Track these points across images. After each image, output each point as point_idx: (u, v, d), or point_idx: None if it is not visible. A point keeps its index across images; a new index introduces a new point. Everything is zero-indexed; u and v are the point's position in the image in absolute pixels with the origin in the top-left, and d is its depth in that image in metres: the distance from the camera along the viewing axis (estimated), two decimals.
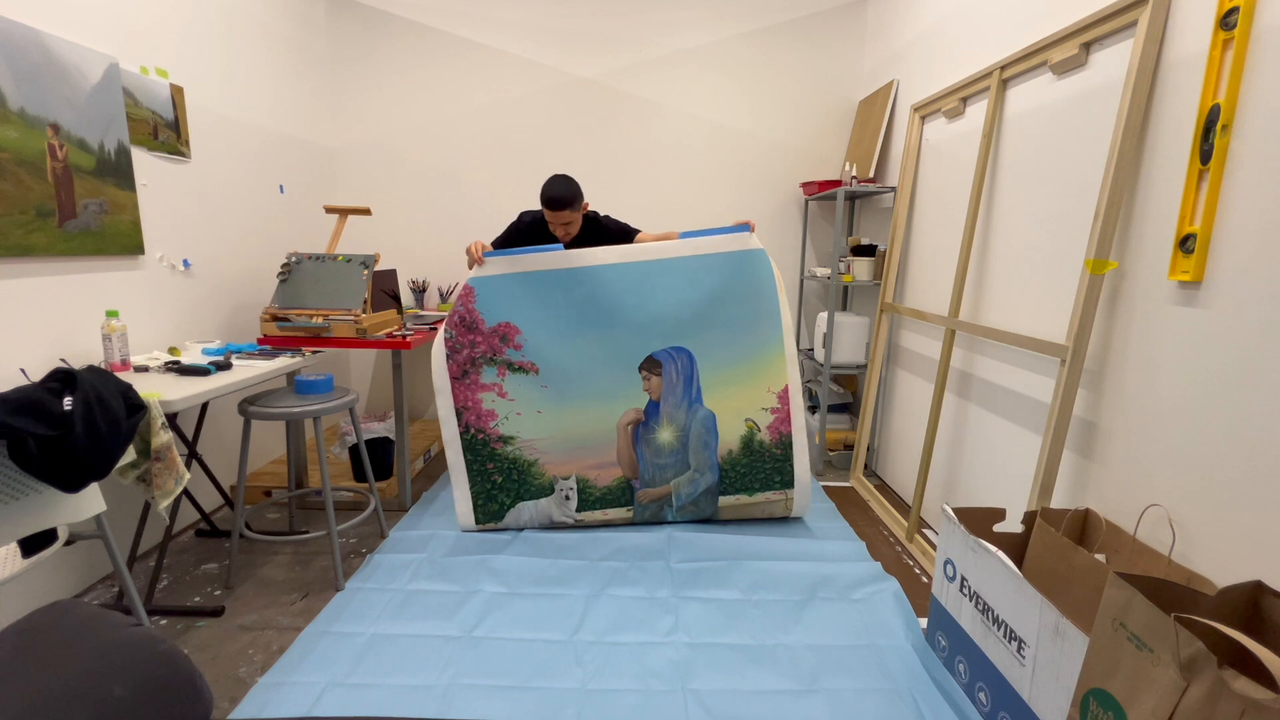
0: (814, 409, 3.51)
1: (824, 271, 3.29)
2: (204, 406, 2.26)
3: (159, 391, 1.73)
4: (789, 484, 2.47)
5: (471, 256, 2.32)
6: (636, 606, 1.99)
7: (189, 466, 2.18)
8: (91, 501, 1.48)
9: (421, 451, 3.23)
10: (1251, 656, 0.94)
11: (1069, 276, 1.80)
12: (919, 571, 2.26)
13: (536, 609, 1.97)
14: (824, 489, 3.00)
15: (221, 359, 2.08)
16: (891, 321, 3.07)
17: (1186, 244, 1.41)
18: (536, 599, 2.02)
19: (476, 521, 2.45)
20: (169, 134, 2.36)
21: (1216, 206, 1.35)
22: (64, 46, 1.91)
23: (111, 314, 1.95)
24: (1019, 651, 1.41)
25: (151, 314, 2.31)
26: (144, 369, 2.01)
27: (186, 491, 2.27)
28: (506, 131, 3.54)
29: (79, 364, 1.80)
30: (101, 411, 1.38)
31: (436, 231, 3.63)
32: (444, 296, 3.61)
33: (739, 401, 2.40)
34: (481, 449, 2.39)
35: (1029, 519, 1.64)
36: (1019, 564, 1.62)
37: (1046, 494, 1.71)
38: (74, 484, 1.36)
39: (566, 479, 2.43)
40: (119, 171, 2.12)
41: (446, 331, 2.32)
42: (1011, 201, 2.08)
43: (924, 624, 1.89)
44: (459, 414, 2.35)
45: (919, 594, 2.11)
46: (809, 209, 3.59)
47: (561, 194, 2.30)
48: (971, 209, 2.24)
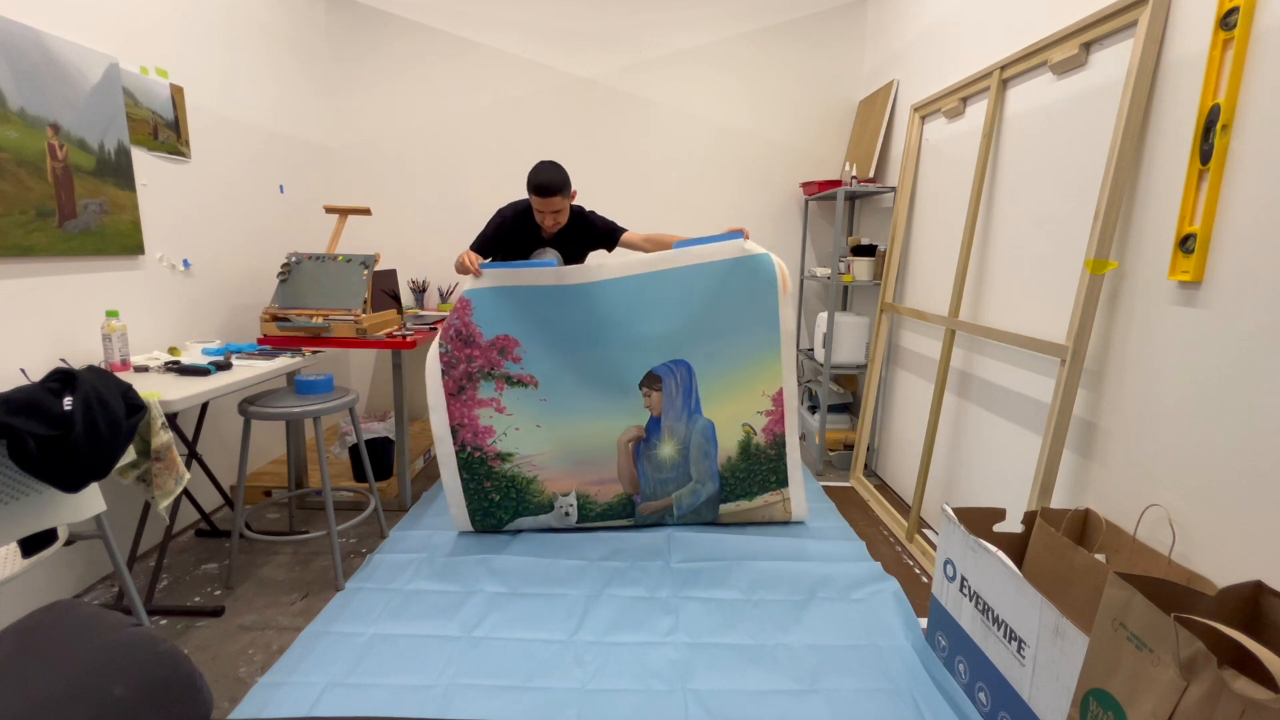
0: (814, 409, 3.51)
1: (824, 271, 3.29)
2: (204, 406, 2.26)
3: (159, 391, 1.73)
4: (784, 483, 2.47)
5: (466, 268, 2.22)
6: (636, 606, 1.99)
7: (189, 466, 2.18)
8: (91, 501, 1.48)
9: (421, 451, 3.23)
10: (1251, 656, 0.94)
11: (1069, 276, 1.80)
12: (919, 571, 2.26)
13: (536, 609, 1.97)
14: (824, 489, 2.99)
15: (221, 359, 2.08)
16: (891, 321, 3.07)
17: (1186, 244, 1.41)
18: (536, 599, 2.02)
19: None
20: (169, 134, 2.36)
21: (1216, 206, 1.35)
22: (64, 46, 1.91)
23: (111, 314, 1.95)
24: (1019, 651, 1.41)
25: (151, 314, 2.31)
26: (144, 369, 2.01)
27: (186, 491, 2.27)
28: (506, 131, 3.54)
29: (79, 364, 1.80)
30: (101, 411, 1.38)
31: (436, 231, 3.63)
32: (444, 296, 3.61)
33: (736, 407, 2.38)
34: (479, 467, 2.33)
35: (1029, 519, 1.64)
36: (1019, 564, 1.62)
37: (1046, 494, 1.71)
38: (74, 484, 1.36)
39: (566, 495, 2.39)
40: (119, 171, 2.12)
41: (441, 346, 2.24)
42: (1011, 201, 2.08)
43: (924, 624, 1.89)
44: (454, 431, 2.28)
45: (919, 594, 2.11)
46: (809, 209, 3.59)
47: (551, 180, 2.22)
48: (971, 209, 2.24)
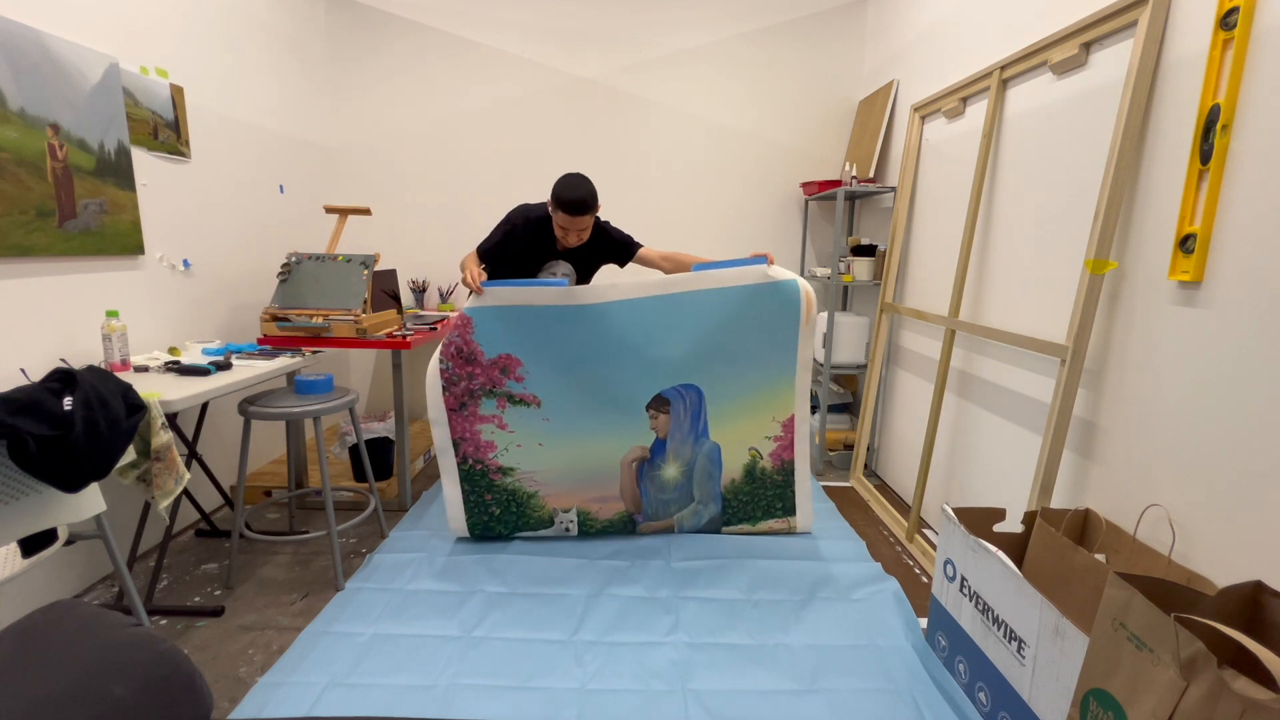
0: (814, 409, 3.51)
1: (824, 271, 3.29)
2: (204, 406, 2.26)
3: (159, 391, 1.73)
4: (790, 511, 2.43)
5: (468, 284, 2.14)
6: (636, 606, 1.99)
7: (189, 466, 2.18)
8: (91, 501, 1.48)
9: (421, 451, 3.23)
10: (1251, 656, 0.94)
11: (1069, 276, 1.80)
12: (919, 571, 2.26)
13: (536, 609, 1.97)
14: (824, 489, 2.99)
15: (221, 359, 2.08)
16: (891, 321, 3.07)
17: (1186, 244, 1.41)
18: (536, 599, 2.02)
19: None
20: (169, 134, 2.36)
21: (1216, 206, 1.35)
22: (64, 46, 1.91)
23: (111, 314, 1.95)
24: (1019, 651, 1.41)
25: (151, 314, 2.31)
26: (144, 369, 2.01)
27: (186, 491, 2.27)
28: (506, 131, 3.54)
29: (79, 364, 1.80)
30: (101, 411, 1.38)
31: (436, 231, 3.63)
32: (444, 296, 3.61)
33: (744, 431, 2.33)
34: (480, 480, 2.30)
35: (1029, 519, 1.64)
36: (1019, 564, 1.62)
37: (1046, 494, 1.71)
38: (74, 484, 1.36)
39: (567, 511, 2.37)
40: (119, 171, 2.12)
41: (442, 362, 2.18)
42: (1011, 201, 2.08)
43: (924, 624, 1.89)
44: (456, 445, 2.25)
45: (919, 594, 2.11)
46: (809, 209, 3.59)
47: (585, 198, 2.08)
48: (971, 209, 2.24)
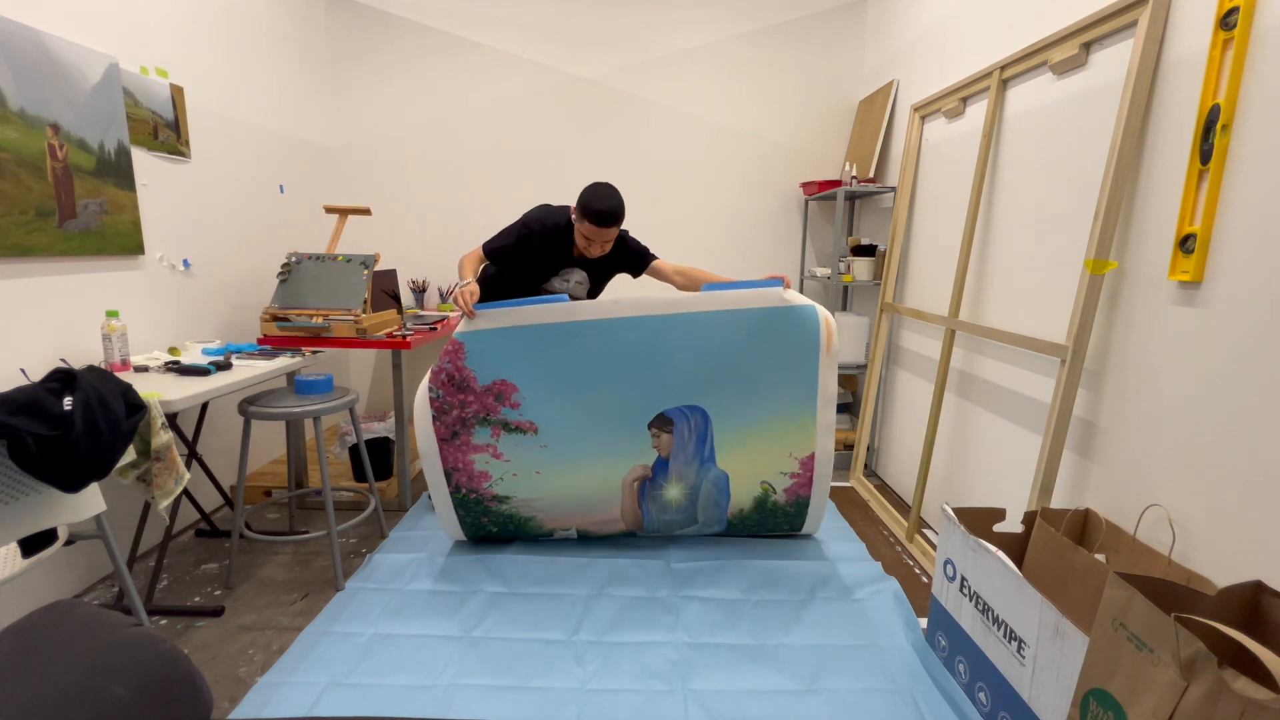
0: None
1: (824, 271, 3.29)
2: (204, 406, 2.26)
3: (159, 391, 1.73)
4: (798, 528, 2.39)
5: (459, 305, 2.03)
6: (636, 606, 1.99)
7: (189, 466, 2.18)
8: (91, 501, 1.48)
9: None
10: (1251, 656, 0.94)
11: (1069, 276, 1.80)
12: (919, 571, 2.26)
13: (536, 608, 1.97)
14: None
15: (221, 359, 2.08)
16: (891, 321, 3.07)
17: (1186, 244, 1.41)
18: (536, 599, 2.02)
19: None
20: (169, 134, 2.35)
21: (1216, 206, 1.35)
22: (64, 46, 1.91)
23: (111, 314, 1.95)
24: (1019, 651, 1.41)
25: (151, 314, 2.31)
26: (144, 369, 2.01)
27: (186, 491, 2.27)
28: (506, 131, 3.54)
29: (79, 364, 1.80)
30: (101, 411, 1.38)
31: (436, 231, 3.63)
32: (444, 296, 3.61)
33: (756, 464, 2.18)
34: (475, 507, 2.22)
35: (1029, 519, 1.64)
36: (1019, 564, 1.62)
37: (1046, 494, 1.71)
38: (74, 484, 1.36)
39: (566, 530, 2.34)
40: (119, 171, 2.12)
41: (432, 390, 2.05)
42: (1011, 201, 2.08)
43: (924, 624, 1.89)
44: (449, 475, 2.13)
45: (919, 594, 2.11)
46: (809, 209, 3.59)
47: (615, 209, 2.01)
48: (971, 209, 2.24)
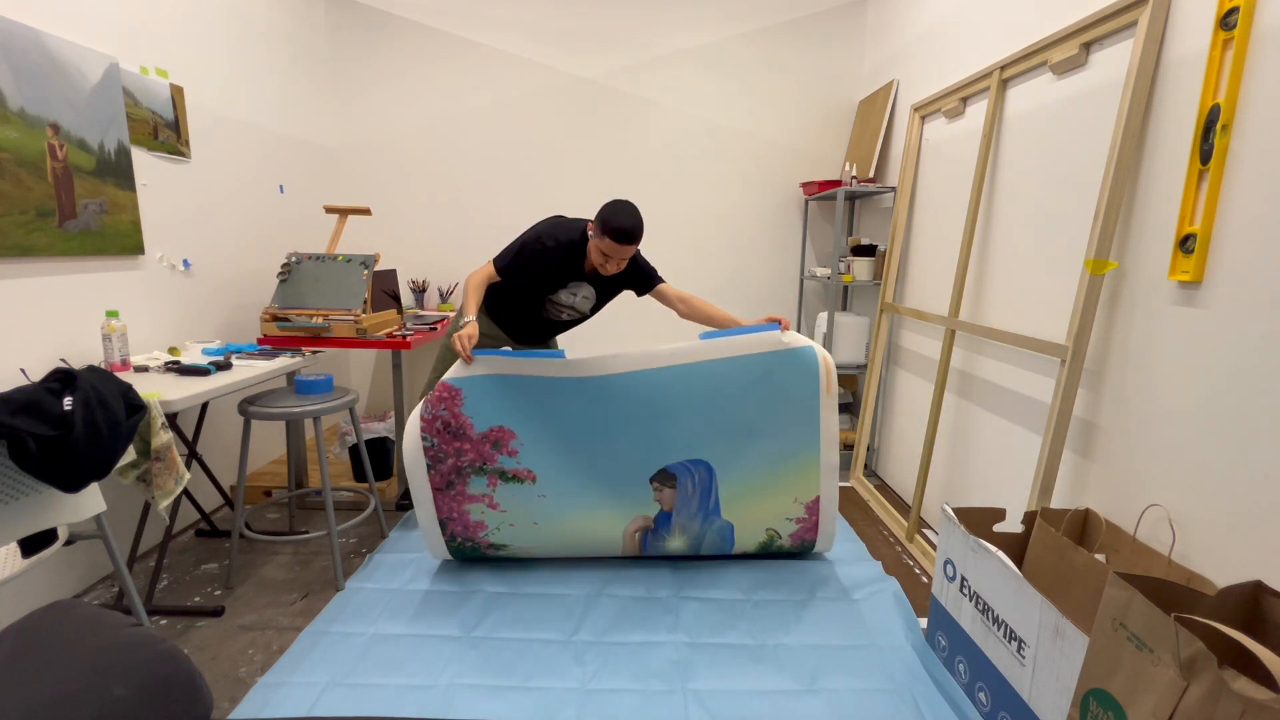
0: None
1: (824, 271, 3.29)
2: (204, 406, 2.26)
3: (159, 391, 1.73)
4: (804, 557, 2.33)
5: (458, 351, 1.96)
6: (636, 606, 1.99)
7: (189, 466, 2.18)
8: (91, 501, 1.48)
9: None
10: (1251, 656, 0.94)
11: (1069, 276, 1.80)
12: (919, 571, 2.26)
13: (536, 609, 1.97)
14: None
15: (221, 359, 2.08)
16: (891, 321, 3.07)
17: (1186, 244, 1.41)
18: (536, 599, 2.02)
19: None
20: (169, 134, 2.35)
21: (1216, 206, 1.35)
22: (64, 46, 1.91)
23: (111, 314, 1.95)
24: (1019, 651, 1.41)
25: (151, 314, 2.31)
26: (144, 369, 2.01)
27: (186, 491, 2.27)
28: (506, 131, 3.54)
29: (79, 364, 1.80)
30: (101, 411, 1.38)
31: (436, 231, 3.63)
32: (444, 296, 3.61)
33: (761, 513, 2.13)
34: (470, 553, 2.16)
35: (1029, 519, 1.64)
36: (1019, 564, 1.62)
37: (1046, 494, 1.71)
38: (74, 484, 1.36)
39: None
40: (119, 171, 2.12)
41: (426, 439, 1.98)
42: (1011, 201, 2.08)
43: (924, 624, 1.89)
44: (443, 524, 2.07)
45: (919, 594, 2.11)
46: (809, 209, 3.59)
47: (636, 227, 1.98)
48: (971, 209, 2.24)
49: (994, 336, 2.04)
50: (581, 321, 2.35)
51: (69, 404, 1.33)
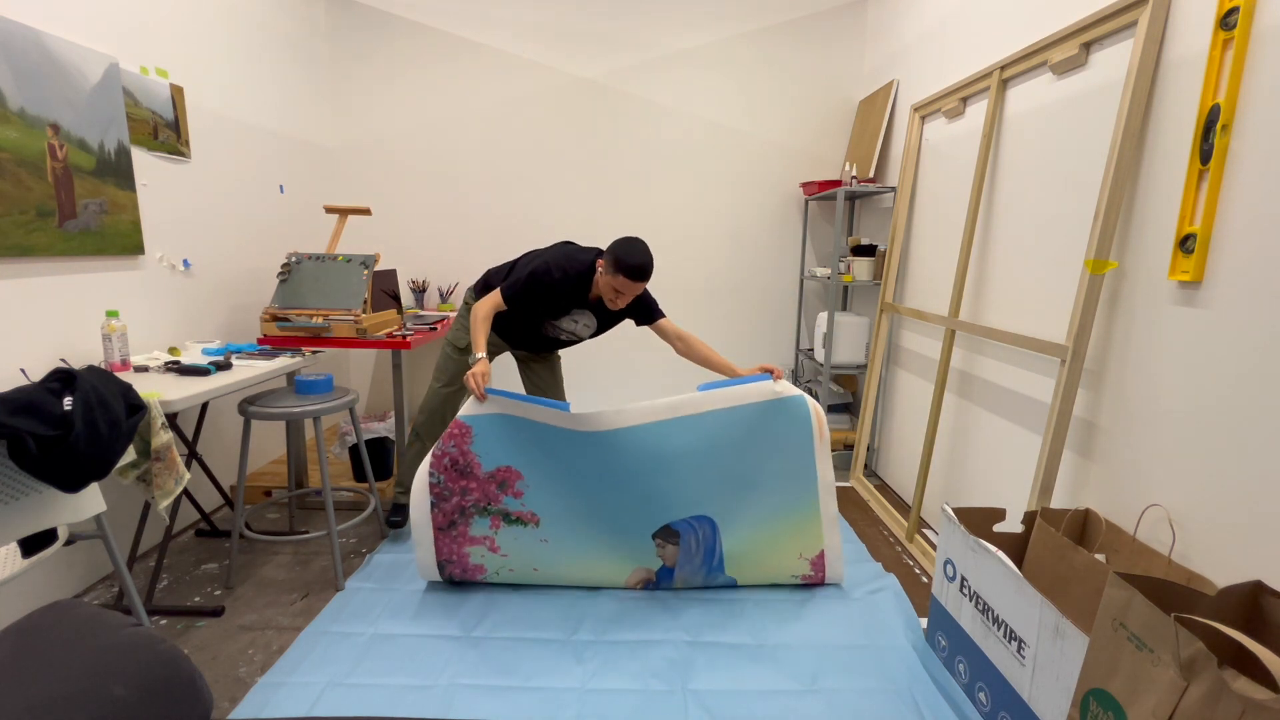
0: None
1: (824, 271, 3.29)
2: (204, 406, 2.26)
3: (159, 391, 1.73)
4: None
5: (472, 390, 1.98)
6: (636, 605, 1.99)
7: (189, 466, 2.18)
8: (91, 501, 1.48)
9: None
10: (1251, 656, 0.94)
11: (1069, 276, 1.80)
12: (919, 571, 2.26)
13: (536, 608, 1.97)
14: None
15: (221, 359, 2.08)
16: (891, 321, 3.07)
17: (1186, 244, 1.41)
18: (536, 598, 2.03)
19: None
20: (169, 134, 2.35)
21: (1216, 206, 1.35)
22: (64, 46, 1.91)
23: (111, 314, 1.95)
24: (1019, 651, 1.41)
25: (151, 314, 2.31)
26: (144, 369, 2.01)
27: (186, 491, 2.27)
28: (506, 131, 3.54)
29: (79, 364, 1.80)
30: (101, 411, 1.38)
31: (436, 231, 3.63)
32: (444, 296, 3.61)
33: (765, 569, 2.10)
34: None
35: (1029, 519, 1.64)
36: (1019, 564, 1.62)
37: (1046, 494, 1.71)
38: (74, 484, 1.36)
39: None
40: (119, 171, 2.12)
41: (433, 475, 1.98)
42: (1011, 201, 2.08)
43: (924, 624, 1.89)
44: (441, 566, 2.05)
45: (919, 594, 2.11)
46: (809, 209, 3.59)
47: (649, 264, 2.00)
48: (971, 209, 2.24)
49: (994, 336, 2.04)
50: (580, 342, 2.37)
51: (69, 404, 1.33)
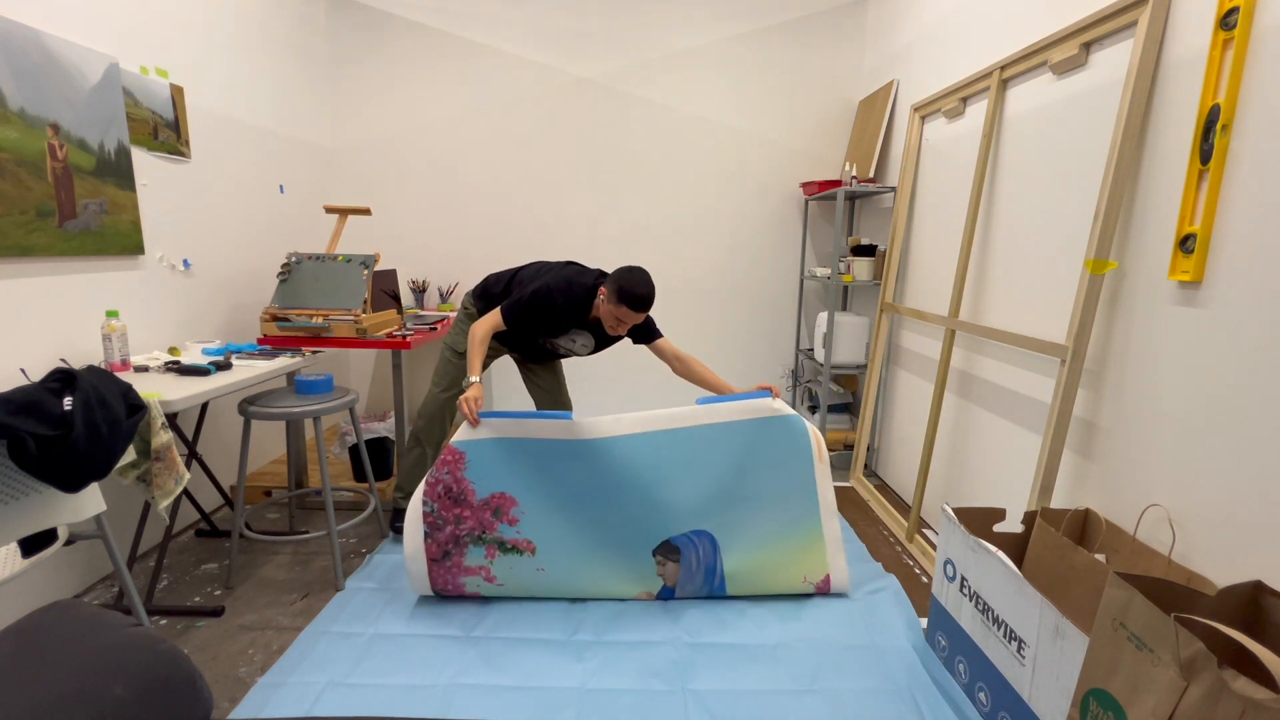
0: (814, 409, 3.51)
1: (824, 271, 3.29)
2: (204, 406, 2.26)
3: (159, 391, 1.73)
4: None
5: (465, 415, 1.95)
6: (636, 605, 1.99)
7: (189, 466, 2.18)
8: (91, 501, 1.48)
9: None
10: (1251, 656, 0.94)
11: (1069, 276, 1.80)
12: (919, 571, 2.26)
13: (536, 608, 1.97)
14: None
15: (221, 359, 2.08)
16: (891, 321, 3.07)
17: (1186, 244, 1.41)
18: (536, 598, 2.02)
19: None
20: (169, 134, 2.35)
21: (1216, 206, 1.35)
22: (64, 46, 1.91)
23: (111, 314, 1.95)
24: (1019, 651, 1.41)
25: (151, 314, 2.31)
26: (144, 369, 2.01)
27: (186, 491, 2.27)
28: (506, 131, 3.54)
29: (79, 364, 1.80)
30: (101, 411, 1.38)
31: (436, 231, 3.63)
32: (444, 296, 3.61)
33: (768, 590, 2.05)
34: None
35: (1029, 519, 1.64)
36: (1019, 564, 1.62)
37: (1046, 494, 1.71)
38: (74, 484, 1.36)
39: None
40: (119, 171, 2.12)
41: (426, 504, 1.94)
42: (1011, 201, 2.08)
43: (924, 624, 1.89)
44: (435, 596, 2.03)
45: (919, 594, 2.11)
46: (809, 209, 3.59)
47: (651, 295, 2.01)
48: (971, 209, 2.24)
49: (994, 336, 2.04)
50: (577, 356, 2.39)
51: (69, 404, 1.33)
